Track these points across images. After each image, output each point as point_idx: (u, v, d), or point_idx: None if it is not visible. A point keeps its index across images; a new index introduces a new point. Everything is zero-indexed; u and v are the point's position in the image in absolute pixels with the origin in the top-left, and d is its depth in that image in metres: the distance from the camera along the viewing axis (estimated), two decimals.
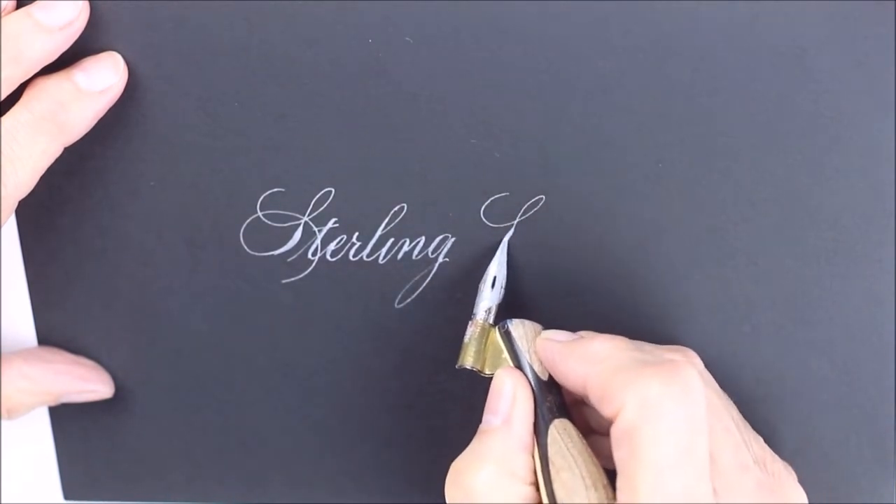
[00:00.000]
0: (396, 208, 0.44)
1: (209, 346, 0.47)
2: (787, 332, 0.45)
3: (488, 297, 0.43)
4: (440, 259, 0.45)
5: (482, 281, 0.44)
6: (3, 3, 0.40)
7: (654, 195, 0.43)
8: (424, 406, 0.47)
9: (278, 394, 0.48)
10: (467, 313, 0.44)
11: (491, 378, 0.42)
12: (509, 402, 0.40)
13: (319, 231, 0.44)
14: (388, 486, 0.49)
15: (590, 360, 0.39)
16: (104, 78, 0.41)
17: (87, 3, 0.40)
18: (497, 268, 0.44)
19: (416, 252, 0.44)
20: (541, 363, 0.41)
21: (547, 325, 0.43)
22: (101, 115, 0.41)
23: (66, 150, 0.41)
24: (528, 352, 0.41)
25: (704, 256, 0.44)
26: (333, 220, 0.44)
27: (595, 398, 0.38)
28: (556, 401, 0.41)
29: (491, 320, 0.43)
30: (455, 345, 0.45)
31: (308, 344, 0.46)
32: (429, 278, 0.45)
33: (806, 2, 0.40)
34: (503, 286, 0.44)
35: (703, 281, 0.44)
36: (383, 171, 0.43)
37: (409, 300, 0.45)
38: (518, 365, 0.41)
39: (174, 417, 0.48)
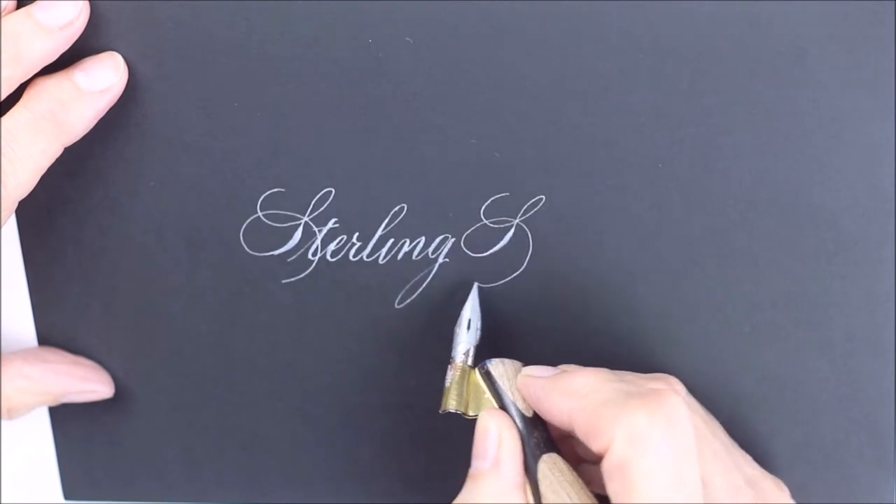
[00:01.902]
0: (396, 208, 0.44)
1: (209, 346, 0.47)
2: (787, 332, 0.45)
3: (465, 340, 0.43)
4: (440, 259, 0.45)
5: (457, 324, 0.44)
6: (3, 3, 0.40)
7: (654, 195, 0.43)
8: (424, 406, 0.47)
9: (278, 394, 0.48)
10: None
11: (475, 420, 0.41)
12: (496, 444, 0.40)
13: (319, 231, 0.44)
14: (387, 486, 0.49)
15: (573, 394, 0.39)
16: (104, 78, 0.41)
17: (87, 3, 0.40)
18: (471, 311, 0.44)
19: (416, 252, 0.44)
20: (524, 400, 0.41)
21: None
22: (101, 115, 0.41)
23: (66, 150, 0.41)
24: (510, 390, 0.41)
25: (704, 256, 0.44)
26: (333, 220, 0.44)
27: (582, 433, 0.38)
28: (542, 436, 0.41)
29: (470, 362, 0.43)
30: None
31: (308, 344, 0.46)
32: (429, 278, 0.45)
33: (806, 2, 0.40)
34: (479, 328, 0.44)
35: (703, 281, 0.44)
36: (383, 171, 0.43)
37: (409, 300, 0.45)
38: (501, 404, 0.41)
39: (174, 417, 0.48)
